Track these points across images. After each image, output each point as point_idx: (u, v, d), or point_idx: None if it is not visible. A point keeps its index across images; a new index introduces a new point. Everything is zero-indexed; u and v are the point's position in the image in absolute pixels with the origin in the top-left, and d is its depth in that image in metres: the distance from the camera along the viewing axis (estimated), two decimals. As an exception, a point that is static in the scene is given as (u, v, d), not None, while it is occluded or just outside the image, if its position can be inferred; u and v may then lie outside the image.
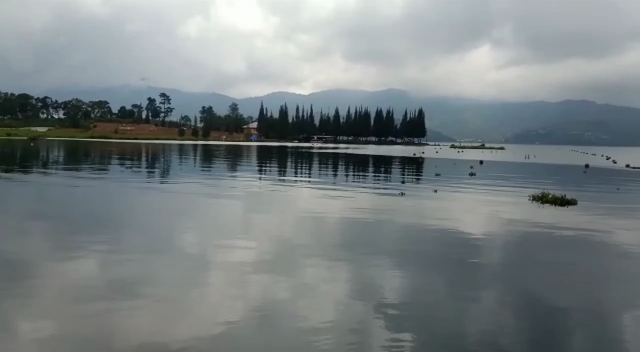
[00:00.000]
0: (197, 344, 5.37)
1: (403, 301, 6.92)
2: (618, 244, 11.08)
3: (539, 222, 13.60)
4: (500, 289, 7.80)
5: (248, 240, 10.69)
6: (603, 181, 30.62)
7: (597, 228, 12.86)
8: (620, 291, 7.84)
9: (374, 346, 5.49)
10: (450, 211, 15.91)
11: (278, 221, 13.25)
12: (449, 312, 6.62)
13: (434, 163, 48.77)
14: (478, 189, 22.70)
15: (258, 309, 6.41)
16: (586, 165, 47.63)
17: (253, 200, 17.78)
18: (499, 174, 35.44)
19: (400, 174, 34.15)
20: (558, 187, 22.32)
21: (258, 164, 43.44)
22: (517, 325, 6.29)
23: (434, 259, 9.52)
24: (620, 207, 17.55)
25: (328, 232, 11.98)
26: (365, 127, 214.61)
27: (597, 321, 6.50)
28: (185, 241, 10.58)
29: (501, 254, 10.21)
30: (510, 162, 55.85)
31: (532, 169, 43.54)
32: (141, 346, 5.34)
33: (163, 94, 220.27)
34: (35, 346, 5.34)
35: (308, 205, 16.59)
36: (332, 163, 46.24)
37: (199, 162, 43.86)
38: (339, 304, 6.76)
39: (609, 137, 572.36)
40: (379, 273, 8.32)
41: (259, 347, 5.45)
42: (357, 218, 13.75)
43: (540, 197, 17.91)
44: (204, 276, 7.91)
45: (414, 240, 11.18)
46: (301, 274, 8.13)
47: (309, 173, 33.35)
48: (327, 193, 19.92)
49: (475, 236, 11.71)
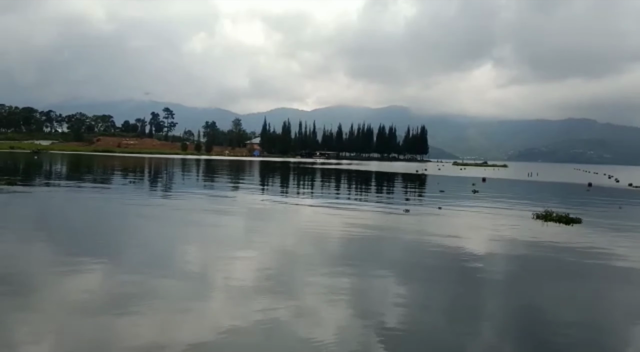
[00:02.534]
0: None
1: (404, 322, 6.88)
2: (623, 264, 11.01)
3: (543, 241, 13.55)
4: (501, 308, 7.75)
5: (251, 256, 10.66)
6: (606, 199, 30.55)
7: (602, 247, 12.82)
8: (621, 312, 7.78)
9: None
10: (455, 229, 15.86)
11: (281, 238, 13.22)
12: (451, 334, 6.58)
13: (437, 180, 48.77)
14: (481, 207, 22.66)
15: (260, 327, 6.38)
16: (589, 183, 47.54)
17: (256, 216, 17.77)
18: (502, 192, 35.41)
19: (404, 190, 34.12)
20: (562, 206, 22.30)
21: (261, 179, 43.47)
22: (519, 341, 6.24)
23: (439, 278, 9.48)
24: (623, 226, 17.47)
25: (332, 249, 11.95)
26: (368, 143, 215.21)
27: (591, 335, 6.46)
28: (187, 257, 10.55)
29: (506, 273, 10.15)
30: (513, 180, 55.80)
31: (535, 187, 43.47)
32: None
33: (166, 108, 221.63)
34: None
35: (312, 222, 16.57)
36: (335, 179, 46.24)
37: (201, 177, 43.93)
38: (341, 322, 6.73)
39: (610, 156, 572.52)
40: (382, 291, 8.28)
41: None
42: (362, 235, 13.72)
43: (545, 215, 17.86)
44: (205, 293, 7.87)
45: (418, 259, 11.13)
46: (304, 291, 8.08)
47: (312, 189, 33.34)
48: (330, 209, 19.89)
49: (479, 255, 11.67)
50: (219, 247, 11.41)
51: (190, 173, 48.83)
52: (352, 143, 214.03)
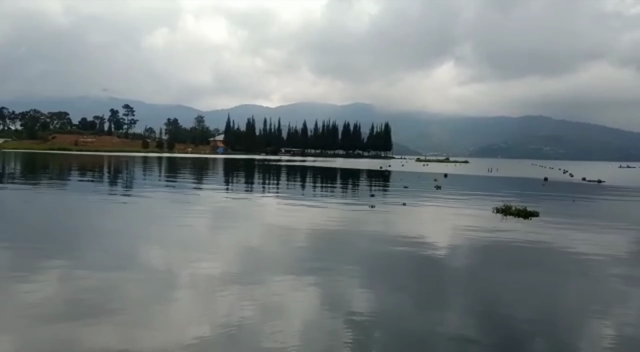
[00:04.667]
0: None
1: (369, 315, 6.95)
2: (576, 254, 11.46)
3: (503, 234, 13.95)
4: (464, 298, 7.93)
5: (215, 254, 10.53)
6: (561, 193, 31.69)
7: (558, 239, 13.31)
8: (575, 302, 8.10)
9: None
10: (419, 224, 16.15)
11: (245, 235, 13.11)
12: (415, 324, 6.70)
13: (401, 176, 49.47)
14: (444, 202, 23.12)
15: (225, 326, 6.31)
16: (545, 178, 49.27)
17: (220, 213, 17.57)
18: (463, 187, 36.24)
19: (369, 187, 34.44)
20: (520, 200, 22.99)
21: (225, 177, 42.99)
22: (479, 331, 6.41)
23: (404, 271, 9.62)
24: (577, 218, 18.15)
25: (298, 246, 11.93)
26: (333, 140, 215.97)
27: (549, 325, 6.70)
28: (149, 258, 10.33)
29: (468, 266, 10.38)
30: (473, 176, 57.16)
31: (495, 182, 44.67)
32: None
33: (126, 105, 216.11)
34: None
35: (277, 218, 16.51)
36: (300, 176, 46.21)
37: (163, 175, 43.08)
38: (307, 318, 6.75)
39: (565, 151, 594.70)
40: (347, 286, 8.33)
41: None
42: (328, 231, 13.75)
43: (504, 209, 18.38)
44: (168, 293, 7.72)
45: (384, 253, 11.25)
46: (269, 289, 8.03)
47: (277, 186, 33.21)
48: (296, 206, 19.87)
49: (442, 249, 11.92)
50: (182, 247, 11.20)
51: (151, 171, 47.80)
52: (318, 140, 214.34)
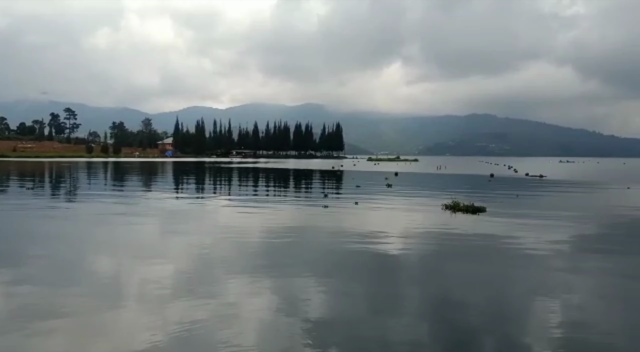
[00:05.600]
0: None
1: (324, 316, 6.93)
2: (521, 245, 11.91)
3: (452, 230, 14.31)
4: (418, 295, 8.05)
5: (165, 260, 10.21)
6: (506, 188, 32.91)
7: (504, 233, 13.80)
8: (522, 291, 8.40)
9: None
10: (371, 222, 16.30)
11: (197, 239, 12.79)
12: (371, 323, 6.72)
13: (353, 175, 49.95)
14: (395, 200, 23.50)
15: (177, 333, 6.11)
16: (491, 174, 51.06)
17: (170, 218, 17.09)
18: (413, 185, 37.00)
19: (322, 187, 34.54)
20: (468, 196, 23.70)
21: (175, 180, 41.97)
22: (435, 331, 6.51)
23: (358, 269, 9.67)
24: (520, 213, 18.89)
25: (250, 248, 11.75)
26: (285, 141, 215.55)
27: (500, 316, 6.92)
28: (96, 266, 9.90)
29: (420, 262, 10.56)
30: (423, 173, 58.48)
31: (443, 179, 45.88)
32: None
33: (68, 108, 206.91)
34: None
35: (229, 221, 16.24)
36: (253, 178, 45.78)
37: (110, 180, 41.55)
38: (261, 322, 6.65)
39: (510, 148, 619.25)
40: (301, 287, 8.27)
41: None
42: (281, 233, 13.65)
43: (452, 206, 18.87)
44: (118, 301, 7.41)
45: (338, 252, 11.27)
46: (221, 293, 7.88)
47: (229, 188, 32.74)
48: (248, 208, 19.64)
49: (395, 246, 12.09)
50: (131, 253, 10.81)
51: (96, 177, 46.01)
52: (269, 141, 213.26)
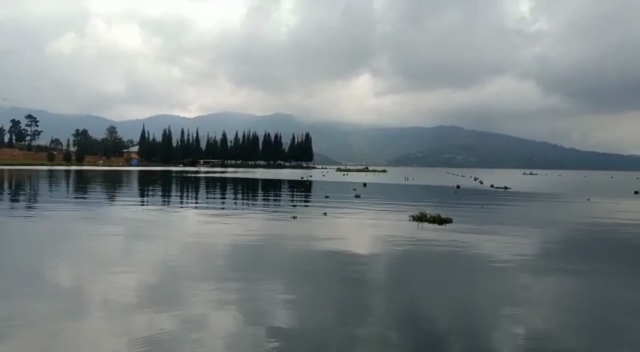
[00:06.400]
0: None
1: (291, 326, 6.85)
2: (487, 255, 12.12)
3: (419, 241, 14.43)
4: (383, 305, 8.06)
5: (129, 270, 9.91)
6: (472, 200, 33.56)
7: (470, 243, 13.99)
8: (487, 300, 8.52)
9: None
10: (340, 233, 16.31)
11: (163, 249, 12.50)
12: (338, 330, 6.68)
13: (322, 186, 50.01)
14: (363, 211, 23.61)
15: (141, 343, 5.92)
16: (457, 186, 52.00)
17: (135, 228, 16.66)
18: (381, 196, 37.30)
19: (290, 197, 34.42)
20: (435, 207, 24.03)
21: (140, 190, 41.09)
22: (398, 341, 6.52)
23: (324, 280, 9.62)
24: (485, 224, 19.27)
25: (218, 258, 11.56)
26: (254, 151, 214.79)
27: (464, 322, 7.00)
28: (58, 277, 9.53)
29: (385, 273, 10.61)
30: (391, 184, 59.06)
31: (411, 190, 46.44)
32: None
33: (29, 115, 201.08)
34: None
35: (195, 232, 15.96)
36: (220, 188, 45.26)
37: (72, 189, 40.34)
38: (226, 332, 6.52)
39: (476, 160, 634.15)
40: (269, 298, 8.17)
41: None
42: (249, 243, 13.49)
43: (419, 217, 19.08)
44: (83, 313, 7.14)
45: (306, 263, 11.20)
46: (189, 303, 7.70)
47: (196, 198, 32.25)
48: (216, 219, 19.36)
49: (363, 256, 12.12)
50: (96, 263, 10.46)
51: (58, 186, 44.61)
52: (238, 151, 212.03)
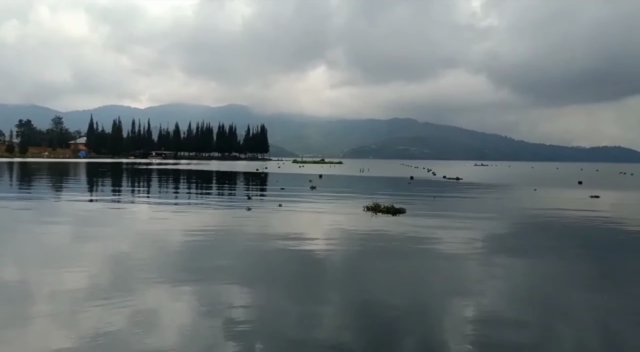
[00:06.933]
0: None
1: (248, 319, 6.82)
2: (439, 246, 12.46)
3: (373, 230, 14.65)
4: (341, 295, 8.15)
5: (77, 267, 9.57)
6: (424, 190, 34.32)
7: (423, 232, 14.34)
8: (440, 286, 8.77)
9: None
10: (295, 224, 16.33)
11: (112, 244, 12.12)
12: (296, 323, 6.71)
13: (277, 178, 49.83)
14: (319, 202, 23.73)
15: (91, 341, 5.75)
16: (411, 177, 53.06)
17: (83, 223, 16.08)
18: (337, 187, 37.55)
19: (245, 189, 34.13)
20: (389, 198, 24.44)
21: (88, 182, 39.64)
22: (358, 327, 6.62)
23: (279, 273, 9.61)
24: (437, 214, 19.79)
25: (169, 253, 11.34)
26: (208, 142, 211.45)
27: (420, 314, 7.18)
28: (1, 273, 9.09)
29: (339, 264, 10.70)
30: (347, 176, 59.56)
31: (366, 182, 47.01)
32: None
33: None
34: None
35: (147, 226, 15.57)
36: (173, 180, 44.29)
37: (15, 181, 38.43)
38: (179, 329, 6.42)
39: (429, 152, 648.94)
40: (224, 291, 8.09)
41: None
42: (202, 237, 13.28)
43: (374, 207, 19.37)
44: (28, 310, 6.84)
45: (261, 255, 11.15)
46: (140, 300, 7.52)
47: (147, 191, 31.43)
48: (168, 211, 18.96)
49: (319, 247, 12.17)
50: (40, 260, 10.03)
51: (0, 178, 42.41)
52: (191, 142, 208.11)
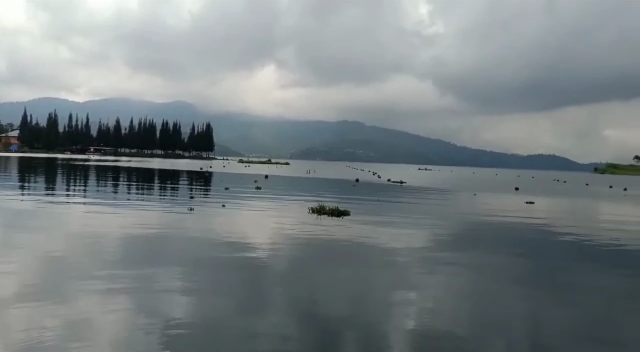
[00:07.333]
0: None
1: (188, 324, 6.65)
2: (382, 246, 12.69)
3: (317, 233, 14.70)
4: (285, 295, 8.13)
5: (6, 267, 8.98)
6: (369, 193, 34.89)
7: (366, 235, 14.54)
8: (381, 290, 8.93)
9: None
10: (239, 225, 16.16)
11: (47, 244, 11.46)
12: (237, 324, 6.62)
13: (222, 177, 49.11)
14: (263, 203, 23.58)
15: (24, 344, 5.42)
16: (356, 179, 53.80)
17: (13, 221, 15.15)
18: (282, 188, 37.49)
19: (188, 188, 33.37)
20: (334, 200, 24.64)
21: (20, 177, 37.45)
22: (297, 331, 6.61)
23: (222, 275, 9.45)
24: (381, 216, 20.16)
25: (106, 254, 10.86)
26: (151, 139, 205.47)
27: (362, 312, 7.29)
28: None
29: (282, 266, 10.67)
30: (293, 177, 59.56)
31: (312, 183, 47.21)
32: None
33: None
34: None
35: (83, 226, 14.82)
36: (112, 177, 42.65)
37: None
38: (115, 333, 6.17)
39: (376, 155, 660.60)
40: (164, 294, 7.85)
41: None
42: (142, 237, 12.84)
43: (318, 209, 19.45)
44: None
45: (203, 258, 10.91)
46: (75, 302, 7.16)
47: (84, 188, 30.08)
48: (106, 212, 18.20)
49: (261, 249, 12.08)
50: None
51: None
52: (133, 139, 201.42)
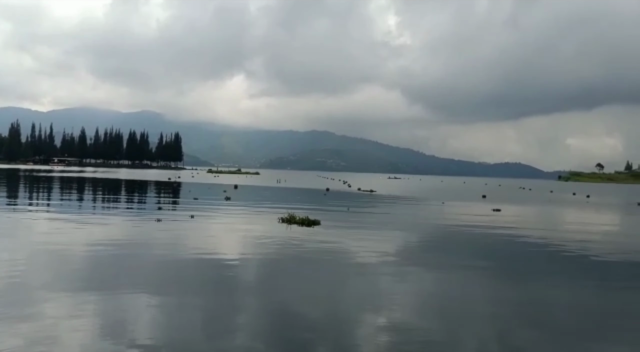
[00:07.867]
0: None
1: (154, 336, 6.58)
2: (352, 254, 12.81)
3: (288, 242, 14.72)
4: (256, 304, 8.12)
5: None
6: (339, 202, 35.05)
7: (336, 243, 14.66)
8: (351, 298, 9.02)
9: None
10: (207, 236, 16.00)
11: (6, 257, 11.11)
12: (204, 339, 6.58)
13: (190, 188, 48.51)
14: (233, 213, 23.44)
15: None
16: (327, 188, 54.00)
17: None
18: (252, 198, 37.33)
19: (156, 199, 32.83)
20: (304, 209, 24.67)
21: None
22: (269, 340, 6.63)
23: (191, 286, 9.37)
24: (351, 225, 20.32)
25: (72, 266, 10.61)
26: (117, 149, 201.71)
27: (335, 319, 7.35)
28: None
29: (251, 277, 10.65)
30: (263, 187, 59.29)
31: (282, 193, 47.12)
32: None
33: None
34: None
35: (46, 238, 14.38)
36: (77, 188, 41.62)
37: None
38: (82, 347, 6.04)
39: (346, 164, 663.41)
40: (130, 307, 7.73)
41: None
42: (108, 249, 12.56)
43: (288, 219, 19.46)
44: None
45: (171, 270, 10.78)
46: (38, 316, 6.99)
47: (47, 200, 29.24)
48: (70, 223, 17.73)
49: (230, 259, 12.04)
50: None
51: None
52: (99, 149, 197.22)
